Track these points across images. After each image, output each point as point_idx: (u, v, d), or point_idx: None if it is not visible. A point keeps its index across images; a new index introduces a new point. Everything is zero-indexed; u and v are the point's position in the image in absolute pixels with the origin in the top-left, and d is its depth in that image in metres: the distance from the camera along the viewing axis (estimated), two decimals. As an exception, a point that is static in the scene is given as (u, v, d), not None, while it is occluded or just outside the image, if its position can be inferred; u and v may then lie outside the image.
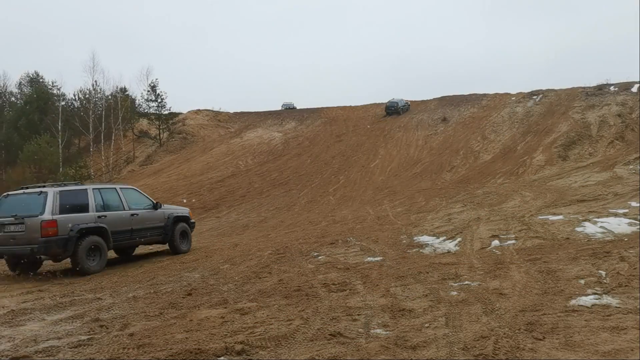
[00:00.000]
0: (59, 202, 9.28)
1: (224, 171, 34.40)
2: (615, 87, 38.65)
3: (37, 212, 9.05)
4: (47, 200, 9.15)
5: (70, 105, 46.03)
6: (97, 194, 10.20)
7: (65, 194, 9.53)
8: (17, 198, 9.71)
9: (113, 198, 10.55)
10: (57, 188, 9.60)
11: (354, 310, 5.79)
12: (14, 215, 9.18)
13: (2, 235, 9.22)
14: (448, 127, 39.48)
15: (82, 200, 9.82)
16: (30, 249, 8.91)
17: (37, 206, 9.12)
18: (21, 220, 9.04)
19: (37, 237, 8.87)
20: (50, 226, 8.95)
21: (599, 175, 21.16)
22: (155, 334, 5.23)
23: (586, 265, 7.29)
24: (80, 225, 9.42)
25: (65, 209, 9.31)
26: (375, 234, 12.40)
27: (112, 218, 10.18)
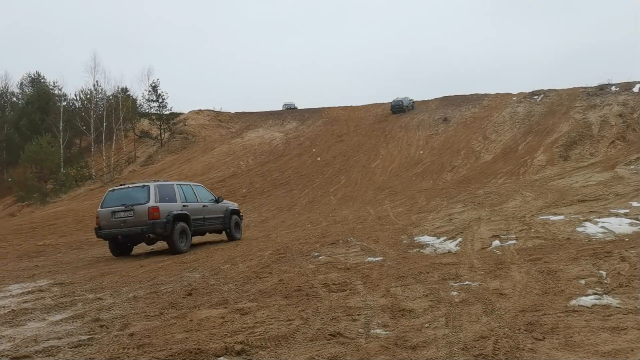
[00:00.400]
0: (158, 194, 11.61)
1: (225, 171, 34.43)
2: (616, 87, 38.64)
3: (144, 201, 11.41)
4: (150, 192, 11.52)
5: (72, 105, 46.10)
6: (180, 188, 12.56)
7: (160, 187, 11.89)
8: (122, 192, 11.93)
9: (189, 192, 12.87)
10: (155, 183, 11.95)
11: (354, 311, 5.79)
12: (123, 204, 11.44)
13: (114, 220, 11.47)
14: (449, 127, 39.47)
15: (171, 193, 12.14)
16: (141, 230, 11.27)
17: (143, 196, 11.49)
18: (130, 207, 11.35)
19: (145, 220, 11.23)
20: (154, 211, 11.28)
21: (600, 175, 21.16)
22: (155, 333, 5.23)
23: (587, 265, 7.28)
24: (174, 211, 11.63)
25: (162, 199, 11.63)
26: (376, 234, 12.40)
27: (192, 208, 12.42)
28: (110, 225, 11.63)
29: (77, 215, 24.28)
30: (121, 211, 11.50)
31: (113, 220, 11.55)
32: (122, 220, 11.46)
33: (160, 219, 11.31)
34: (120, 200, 11.69)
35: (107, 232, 11.80)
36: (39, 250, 15.75)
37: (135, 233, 11.49)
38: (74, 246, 16.53)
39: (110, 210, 11.69)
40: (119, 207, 11.54)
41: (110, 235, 11.85)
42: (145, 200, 11.42)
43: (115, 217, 11.54)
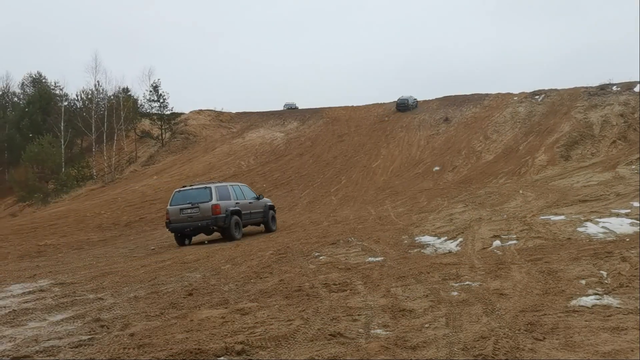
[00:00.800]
0: (218, 193, 13.94)
1: (226, 171, 34.43)
2: (617, 87, 38.57)
3: (207, 199, 13.73)
4: (212, 192, 13.87)
5: (73, 105, 46.13)
6: (232, 188, 14.94)
7: (219, 188, 14.27)
8: (187, 192, 14.19)
9: (239, 191, 15.22)
10: (215, 184, 14.42)
11: (354, 311, 5.79)
12: (189, 202, 13.72)
13: (182, 216, 13.77)
14: (450, 127, 39.45)
15: (227, 192, 14.47)
16: (206, 223, 13.62)
17: (206, 196, 13.82)
18: (196, 205, 13.66)
19: (209, 215, 13.55)
20: (217, 208, 13.60)
21: (601, 175, 21.14)
22: (155, 334, 5.24)
23: (587, 265, 7.28)
24: (230, 208, 14.00)
25: (221, 198, 13.89)
26: (377, 234, 12.41)
27: (242, 204, 14.78)
28: (179, 220, 13.85)
29: (78, 215, 24.31)
30: (188, 208, 13.79)
31: (181, 215, 13.82)
32: (189, 215, 13.76)
33: (221, 214, 13.69)
34: (186, 199, 13.95)
35: (176, 226, 13.96)
36: (40, 250, 15.78)
37: (201, 226, 13.79)
38: (75, 246, 16.56)
39: (178, 207, 13.90)
40: (186, 205, 13.78)
41: (178, 228, 13.97)
42: (208, 199, 13.76)
43: (183, 213, 13.81)
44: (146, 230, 20.27)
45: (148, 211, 24.49)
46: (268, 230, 16.02)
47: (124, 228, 20.97)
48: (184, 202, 13.93)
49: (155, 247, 14.31)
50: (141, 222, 22.21)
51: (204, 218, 13.61)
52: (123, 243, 16.70)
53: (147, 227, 21.05)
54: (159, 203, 26.27)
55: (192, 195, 14.02)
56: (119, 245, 15.92)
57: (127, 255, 12.75)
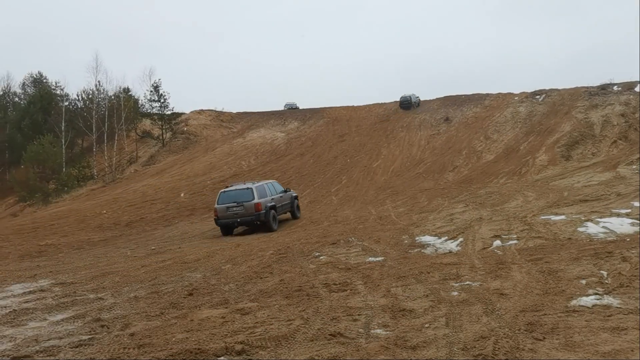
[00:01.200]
0: (258, 193, 16.14)
1: (226, 171, 34.42)
2: (618, 87, 38.51)
3: (250, 199, 15.90)
4: (254, 192, 16.04)
5: (74, 105, 46.13)
6: (267, 186, 17.10)
7: (258, 188, 16.40)
8: (231, 193, 16.37)
9: (272, 188, 17.37)
10: (254, 185, 16.47)
11: (354, 311, 5.79)
12: (235, 201, 15.97)
13: (228, 213, 15.93)
14: (451, 127, 39.42)
15: (264, 191, 16.61)
16: (251, 218, 15.88)
17: (249, 195, 15.98)
18: (241, 204, 15.85)
19: (253, 211, 15.79)
20: (259, 205, 15.81)
21: (601, 175, 21.11)
22: (155, 333, 5.25)
23: (588, 265, 7.27)
24: (268, 204, 16.20)
25: (260, 197, 16.08)
26: (377, 234, 12.40)
27: (275, 199, 17.01)
28: (226, 216, 16.08)
29: (79, 215, 24.30)
30: (234, 206, 15.99)
31: (228, 212, 16.03)
32: (235, 212, 15.97)
33: (262, 211, 15.91)
34: (231, 199, 16.17)
35: (224, 221, 16.17)
36: (41, 250, 15.79)
37: (246, 221, 16.11)
38: (75, 246, 16.57)
39: (225, 206, 16.11)
40: (232, 204, 16.04)
41: (226, 223, 16.19)
42: (251, 198, 15.97)
43: (229, 211, 16.02)
44: (147, 230, 20.27)
45: (149, 211, 24.49)
46: (294, 217, 18.84)
47: (124, 228, 20.96)
48: (229, 202, 16.18)
49: (156, 247, 14.31)
50: (142, 222, 22.20)
51: (248, 214, 15.95)
52: (124, 243, 16.70)
53: (147, 227, 21.05)
54: (160, 203, 26.28)
55: (237, 195, 16.26)
56: (119, 245, 15.93)
57: (128, 255, 12.75)
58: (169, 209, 24.76)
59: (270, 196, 16.75)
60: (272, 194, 17.05)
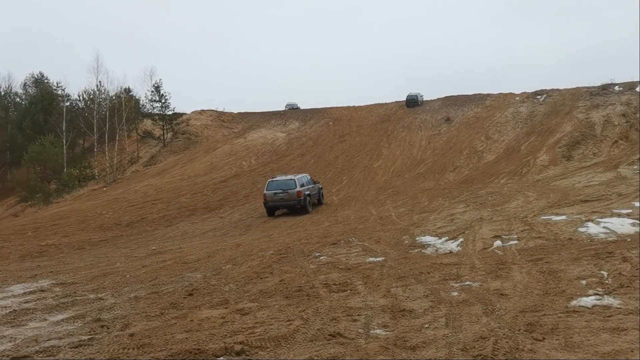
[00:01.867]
0: (299, 183, 20.21)
1: (227, 171, 34.44)
2: (619, 87, 38.45)
3: (293, 187, 19.90)
4: (296, 182, 20.13)
5: (75, 105, 46.19)
6: (304, 178, 21.28)
7: (299, 179, 20.55)
8: (278, 182, 20.42)
9: (307, 179, 21.57)
10: (296, 177, 20.68)
11: (354, 311, 5.79)
12: (280, 189, 19.92)
13: (275, 198, 19.88)
14: (452, 127, 39.40)
15: (303, 181, 20.73)
16: (293, 203, 19.89)
17: (292, 185, 19.99)
18: (286, 191, 19.76)
19: (295, 197, 19.79)
20: (300, 193, 19.81)
21: (602, 175, 21.09)
22: (155, 334, 5.25)
23: (588, 265, 7.26)
24: (305, 192, 20.20)
25: (300, 186, 20.08)
26: (378, 234, 12.39)
27: (308, 188, 21.06)
28: (273, 200, 20.09)
29: (80, 215, 24.32)
30: (280, 193, 20.00)
31: (275, 198, 20.05)
32: (281, 197, 19.99)
33: (302, 197, 19.96)
34: (277, 187, 20.17)
35: (271, 204, 20.18)
36: (42, 250, 15.80)
37: (289, 205, 20.18)
38: (76, 246, 16.58)
39: (273, 192, 20.10)
40: (279, 191, 20.03)
41: (272, 206, 20.26)
42: (294, 187, 19.99)
43: (276, 196, 20.02)
44: (148, 230, 20.27)
45: (149, 211, 24.50)
46: (319, 203, 22.93)
47: (125, 228, 20.97)
48: (277, 189, 20.12)
49: (157, 247, 14.31)
50: (143, 222, 22.21)
51: (291, 199, 19.96)
52: (124, 243, 16.71)
53: (148, 227, 21.05)
54: (161, 203, 26.29)
55: (282, 184, 20.28)
56: (120, 246, 15.94)
57: (129, 256, 12.75)
58: (169, 209, 24.77)
59: (306, 186, 20.97)
60: (307, 185, 21.15)
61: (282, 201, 19.99)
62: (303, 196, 19.90)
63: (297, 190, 19.80)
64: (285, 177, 20.97)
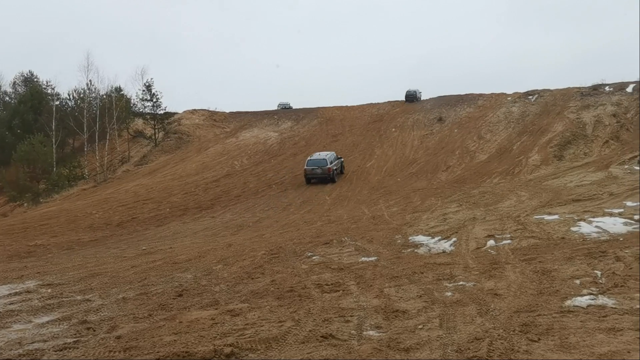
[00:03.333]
0: (330, 160, 27.66)
1: (219, 171, 34.24)
2: (610, 87, 38.65)
3: (325, 164, 27.25)
4: (327, 160, 27.53)
5: (65, 104, 45.72)
6: (332, 155, 28.65)
7: (329, 157, 28.04)
8: (314, 160, 27.71)
9: (334, 157, 28.66)
10: (327, 155, 28.26)
11: (346, 312, 5.70)
12: (316, 165, 27.23)
13: (312, 172, 27.22)
14: (444, 127, 39.43)
15: (332, 158, 28.04)
16: (325, 176, 27.16)
17: (325, 162, 27.35)
18: (320, 167, 26.98)
19: (327, 172, 27.14)
20: (330, 169, 27.20)
21: (594, 175, 21.16)
22: (143, 336, 5.12)
23: (582, 265, 7.22)
24: (334, 167, 27.65)
25: (330, 163, 27.36)
26: (370, 233, 12.31)
27: (335, 163, 28.24)
28: (310, 173, 27.32)
29: (70, 215, 24.03)
30: (315, 168, 27.20)
31: (312, 172, 27.22)
32: (316, 171, 27.16)
33: (332, 172, 27.38)
34: (314, 164, 27.45)
35: (309, 176, 27.34)
36: (30, 250, 15.56)
37: (322, 177, 27.27)
38: (65, 246, 16.35)
39: (311, 167, 27.31)
40: (315, 167, 27.22)
41: (310, 177, 27.41)
42: (326, 165, 27.20)
43: (313, 171, 27.26)
44: (138, 230, 20.06)
45: (140, 211, 24.25)
46: (341, 173, 29.64)
47: (115, 228, 20.73)
48: (313, 165, 27.35)
49: (147, 247, 14.14)
50: (133, 222, 21.97)
51: (324, 173, 27.19)
52: (114, 243, 16.50)
53: (139, 227, 20.83)
54: (152, 203, 26.06)
55: (317, 162, 27.56)
56: (110, 246, 15.73)
57: (118, 256, 12.57)
58: (160, 209, 24.54)
59: (334, 162, 28.17)
60: (334, 161, 28.29)
61: (317, 175, 27.25)
62: (332, 171, 27.48)
63: (327, 167, 27.19)
64: (319, 157, 28.03)
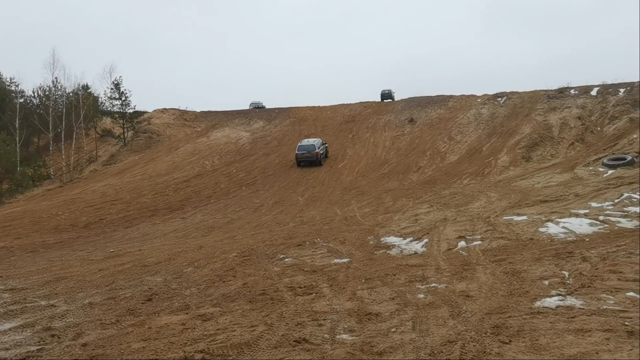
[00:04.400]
0: (317, 145, 32.06)
1: (189, 171, 33.77)
2: (575, 91, 39.75)
3: (314, 149, 31.52)
4: (316, 146, 31.88)
5: (29, 102, 44.38)
6: (319, 142, 33.02)
7: (316, 143, 32.59)
8: (304, 145, 31.94)
9: (320, 143, 33.04)
10: (315, 141, 32.62)
11: (319, 315, 5.65)
12: (306, 150, 31.45)
13: (302, 156, 31.43)
14: (415, 128, 39.84)
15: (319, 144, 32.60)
16: (314, 159, 31.42)
17: (313, 148, 31.61)
18: (309, 152, 31.19)
19: (315, 156, 31.45)
20: (318, 153, 31.50)
21: (560, 176, 21.69)
22: (110, 343, 4.97)
23: (550, 265, 7.36)
24: (321, 152, 32.02)
25: (318, 148, 31.89)
26: (343, 235, 12.31)
27: (321, 148, 32.59)
28: (301, 157, 31.08)
29: (34, 216, 23.30)
30: (305, 153, 31.03)
31: (302, 155, 30.99)
32: (306, 155, 30.93)
33: (319, 156, 31.22)
34: (304, 149, 31.19)
35: (300, 159, 31.01)
36: (-8, 253, 15.01)
37: (310, 160, 31.11)
38: (29, 249, 15.82)
39: (302, 152, 31.05)
40: (304, 151, 31.03)
41: (300, 160, 31.17)
42: (314, 149, 31.11)
43: (303, 155, 31.02)
44: (106, 231, 19.59)
45: (108, 212, 23.70)
46: (326, 157, 33.27)
47: (82, 229, 20.20)
48: (303, 150, 31.23)
49: (115, 249, 13.81)
50: (101, 223, 21.45)
51: (312, 157, 31.16)
52: (81, 245, 16.06)
53: (107, 228, 20.35)
54: (120, 203, 25.50)
55: (307, 147, 31.48)
56: (76, 248, 15.30)
57: (85, 259, 12.23)
58: (129, 210, 24.04)
59: (322, 147, 32.38)
60: (321, 146, 32.27)
61: (307, 158, 31.12)
62: (319, 155, 31.47)
63: (316, 151, 31.27)
64: (308, 143, 32.11)
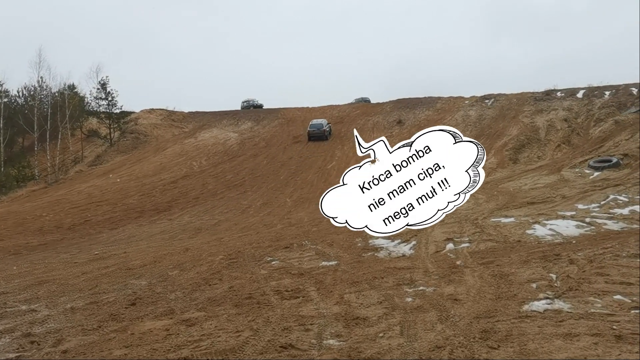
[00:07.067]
0: (325, 125, 38.20)
1: (177, 172, 33.47)
2: (561, 93, 40.09)
3: (322, 127, 37.57)
4: (323, 124, 38.07)
5: (14, 102, 43.75)
6: (325, 121, 39.03)
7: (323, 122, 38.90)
8: (314, 124, 38.16)
9: (326, 122, 38.77)
10: (323, 121, 39.16)
11: (306, 320, 5.58)
12: (315, 127, 37.72)
13: (313, 133, 37.33)
14: (403, 130, 39.90)
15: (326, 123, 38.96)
16: (322, 135, 37.13)
17: (321, 126, 37.76)
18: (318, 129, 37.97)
19: (323, 133, 37.28)
20: (324, 131, 37.39)
21: (547, 178, 21.83)
22: (91, 350, 4.85)
23: (537, 268, 7.35)
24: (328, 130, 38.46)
25: (326, 126, 38.68)
26: (331, 236, 12.23)
27: (327, 127, 38.29)
28: (312, 133, 36.96)
29: (18, 217, 22.91)
30: (315, 130, 37.10)
31: (313, 132, 37.06)
32: (315, 132, 37.00)
33: (326, 132, 37.24)
34: (314, 127, 37.37)
35: (311, 135, 36.82)
36: (-27, 256, 14.70)
37: (320, 136, 36.83)
38: (11, 251, 15.54)
39: (312, 129, 37.07)
40: (315, 129, 37.18)
41: (311, 136, 36.87)
42: (322, 127, 37.37)
43: (313, 132, 37.06)
44: (91, 233, 19.32)
45: (94, 213, 23.39)
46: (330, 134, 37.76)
47: (66, 231, 19.90)
48: (314, 128, 36.84)
49: (100, 251, 13.60)
50: (86, 224, 21.15)
51: (320, 133, 36.59)
52: (65, 247, 15.80)
53: (92, 230, 20.07)
54: (106, 205, 25.18)
55: (316, 125, 37.22)
56: (60, 250, 15.05)
57: (68, 261, 12.02)
58: (115, 211, 23.74)
59: (326, 126, 37.52)
60: (326, 125, 37.61)
61: (316, 134, 36.52)
62: (326, 132, 36.94)
63: (323, 129, 36.95)
64: (317, 122, 37.91)
